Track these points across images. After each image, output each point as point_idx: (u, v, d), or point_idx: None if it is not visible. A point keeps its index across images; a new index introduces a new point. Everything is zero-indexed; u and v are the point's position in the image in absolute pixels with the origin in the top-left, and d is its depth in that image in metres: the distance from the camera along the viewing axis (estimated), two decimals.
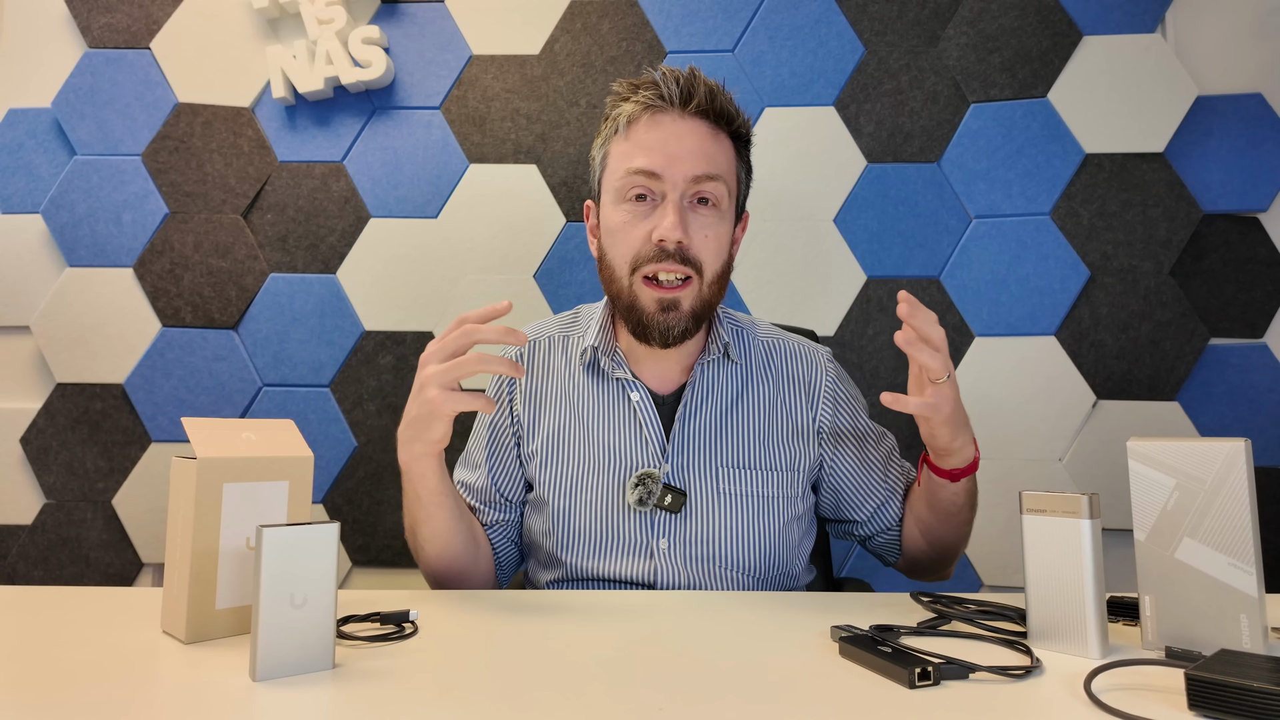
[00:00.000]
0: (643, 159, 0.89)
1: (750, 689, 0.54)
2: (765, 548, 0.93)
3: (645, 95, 0.90)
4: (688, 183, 0.89)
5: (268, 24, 1.61)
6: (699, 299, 0.91)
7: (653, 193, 0.90)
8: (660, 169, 0.88)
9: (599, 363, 0.97)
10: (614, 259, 0.92)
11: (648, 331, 0.91)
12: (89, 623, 0.69)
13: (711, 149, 0.91)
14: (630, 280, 0.90)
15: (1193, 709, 0.49)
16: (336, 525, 0.58)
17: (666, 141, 0.89)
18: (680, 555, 0.91)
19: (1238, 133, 1.46)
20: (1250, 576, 0.58)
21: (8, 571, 1.51)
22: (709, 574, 0.91)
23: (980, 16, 1.53)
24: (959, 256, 1.50)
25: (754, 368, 1.00)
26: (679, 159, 0.88)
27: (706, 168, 0.89)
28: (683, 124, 0.90)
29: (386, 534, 1.51)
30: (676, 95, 0.90)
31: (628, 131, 0.91)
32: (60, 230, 1.56)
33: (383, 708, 0.51)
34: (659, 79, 0.90)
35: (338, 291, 1.55)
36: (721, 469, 0.93)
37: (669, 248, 0.88)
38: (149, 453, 1.52)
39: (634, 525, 0.91)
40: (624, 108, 0.92)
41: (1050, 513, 0.63)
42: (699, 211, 0.90)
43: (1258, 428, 1.41)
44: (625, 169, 0.90)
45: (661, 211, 0.88)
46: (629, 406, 0.95)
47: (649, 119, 0.90)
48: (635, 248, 0.90)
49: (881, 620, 0.69)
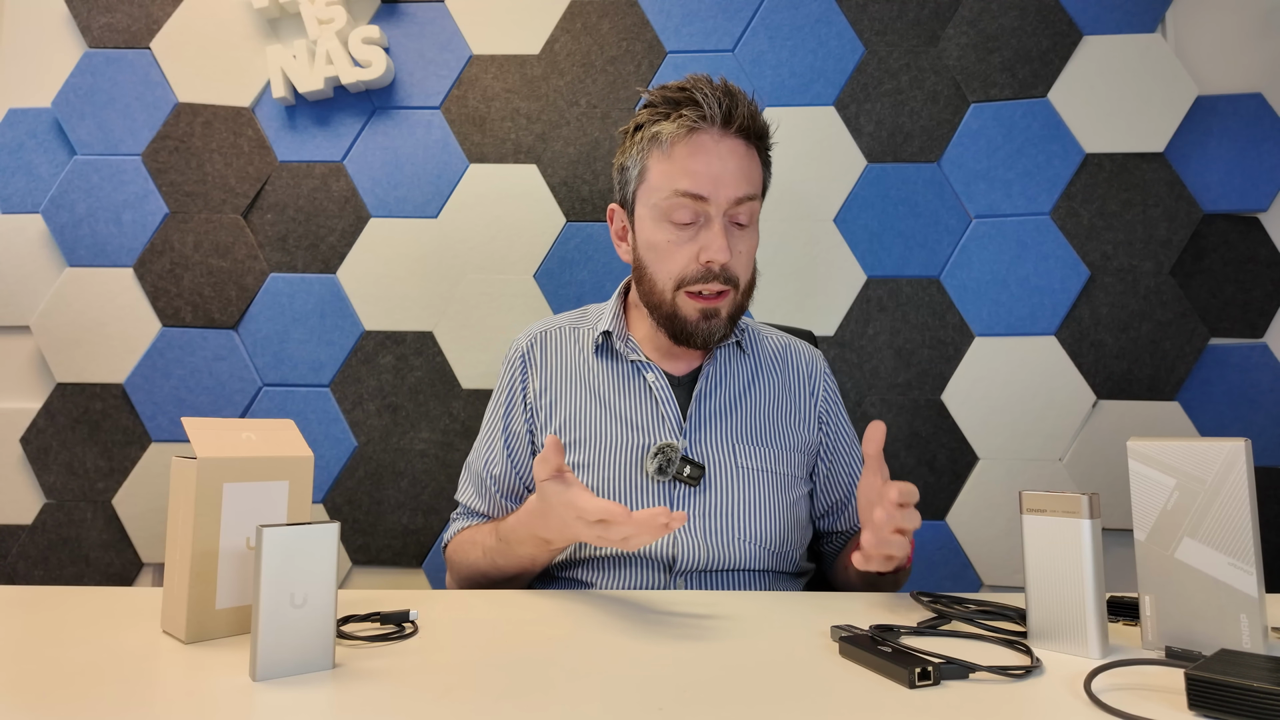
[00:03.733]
0: (688, 182, 0.92)
1: (750, 689, 0.54)
2: (781, 522, 0.97)
3: (689, 114, 0.92)
4: (730, 204, 0.93)
5: (268, 24, 1.61)
6: (735, 306, 0.97)
7: (696, 214, 0.93)
8: (707, 192, 0.91)
9: (613, 346, 1.02)
10: (656, 274, 0.96)
11: (690, 338, 0.96)
12: (89, 623, 0.69)
13: (749, 168, 0.95)
14: (673, 295, 0.95)
15: (1193, 709, 0.49)
16: (336, 525, 0.58)
17: (710, 164, 0.92)
18: (700, 529, 0.94)
19: (1238, 133, 1.46)
20: (1250, 576, 0.58)
21: (8, 571, 1.51)
22: (728, 547, 0.94)
23: (980, 16, 1.53)
24: (959, 256, 1.50)
25: (762, 359, 1.06)
26: (723, 182, 0.92)
27: (747, 189, 0.94)
28: (724, 144, 0.93)
29: (386, 534, 1.51)
30: (719, 116, 0.92)
31: (670, 150, 0.93)
32: (60, 230, 1.56)
33: (383, 708, 0.51)
34: (701, 99, 0.92)
35: (338, 291, 1.55)
36: (738, 445, 0.97)
37: (715, 269, 0.92)
38: (149, 453, 1.52)
39: (654, 498, 0.95)
40: (665, 126, 0.93)
41: (1050, 513, 0.63)
42: (736, 232, 0.95)
43: (1258, 428, 1.41)
44: (671, 189, 0.92)
45: (709, 234, 0.92)
46: (644, 386, 1.00)
47: (694, 139, 0.93)
48: (681, 267, 0.94)
49: (881, 620, 0.69)
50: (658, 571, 0.93)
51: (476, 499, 1.03)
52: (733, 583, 0.95)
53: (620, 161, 1.00)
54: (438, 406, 1.53)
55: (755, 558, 0.95)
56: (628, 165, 0.99)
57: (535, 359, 1.04)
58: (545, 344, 1.05)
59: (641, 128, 0.96)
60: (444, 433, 1.51)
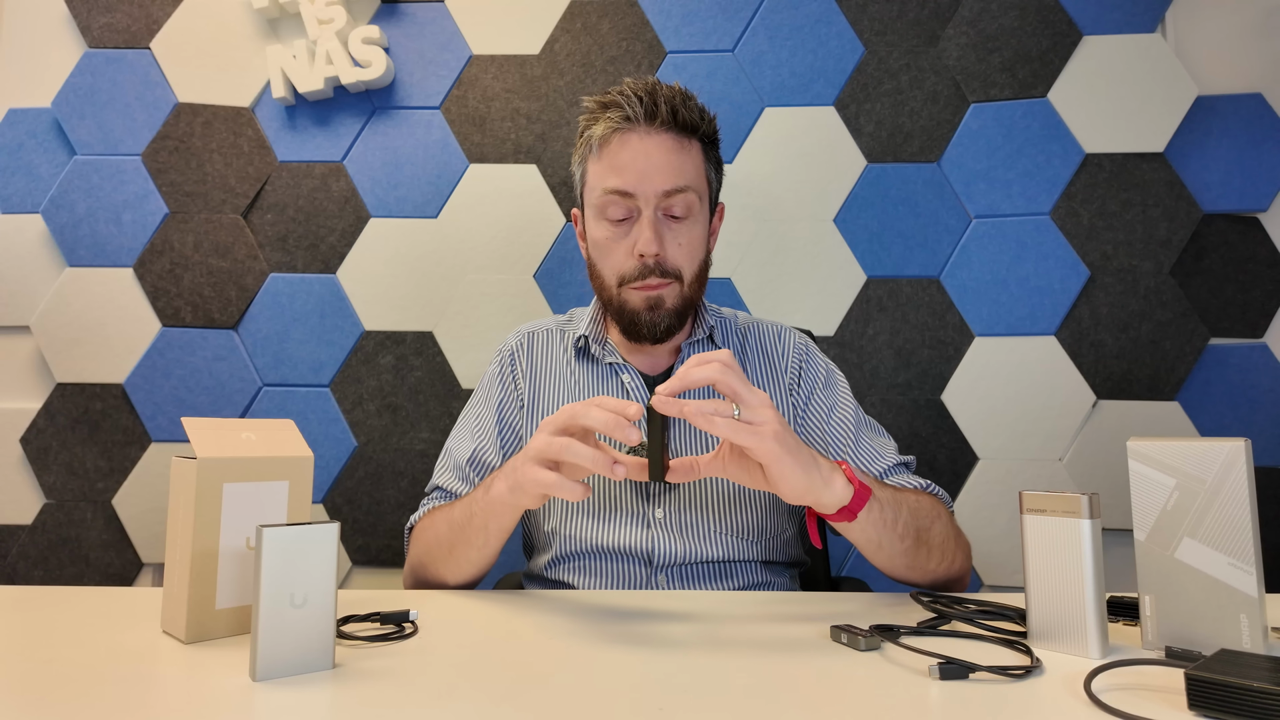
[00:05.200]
0: (615, 179, 0.95)
1: (750, 689, 0.54)
2: (759, 510, 0.97)
3: (613, 116, 0.95)
4: (659, 197, 0.95)
5: (268, 24, 1.61)
6: (681, 298, 0.97)
7: (628, 210, 0.96)
8: (632, 187, 0.94)
9: (590, 349, 1.04)
10: (602, 271, 0.99)
11: (638, 330, 0.97)
12: (89, 623, 0.69)
13: (678, 161, 0.96)
14: (618, 290, 0.98)
15: (1193, 709, 0.49)
16: (336, 525, 0.58)
17: (635, 159, 0.95)
18: (676, 523, 0.94)
19: (1238, 133, 1.46)
20: (1250, 576, 0.58)
21: (8, 571, 1.51)
22: (705, 539, 0.94)
23: (980, 16, 1.53)
24: (959, 256, 1.50)
25: (734, 348, 1.06)
26: (648, 175, 0.94)
27: (675, 181, 0.95)
28: (649, 140, 0.95)
29: (386, 534, 1.51)
30: (641, 113, 0.94)
31: (600, 151, 0.97)
32: (60, 230, 1.56)
33: (383, 708, 0.51)
34: (622, 99, 0.95)
35: (338, 291, 1.55)
36: (711, 438, 0.97)
37: (650, 263, 0.95)
38: (149, 453, 1.52)
39: (630, 496, 0.95)
40: (595, 129, 0.97)
41: (1050, 513, 0.63)
42: (672, 225, 0.97)
43: (1258, 428, 1.41)
44: (602, 188, 0.96)
45: (639, 227, 0.95)
46: (621, 388, 1.01)
47: (619, 138, 0.96)
48: (620, 264, 0.97)
49: (881, 620, 0.69)
50: (637, 566, 0.94)
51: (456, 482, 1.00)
52: (717, 575, 0.95)
53: (572, 167, 1.05)
54: (437, 406, 1.53)
55: (735, 548, 0.95)
56: (574, 170, 1.04)
57: (521, 361, 1.06)
58: (532, 346, 1.07)
59: (582, 133, 1.00)
60: (444, 433, 1.51)
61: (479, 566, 0.89)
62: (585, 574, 0.95)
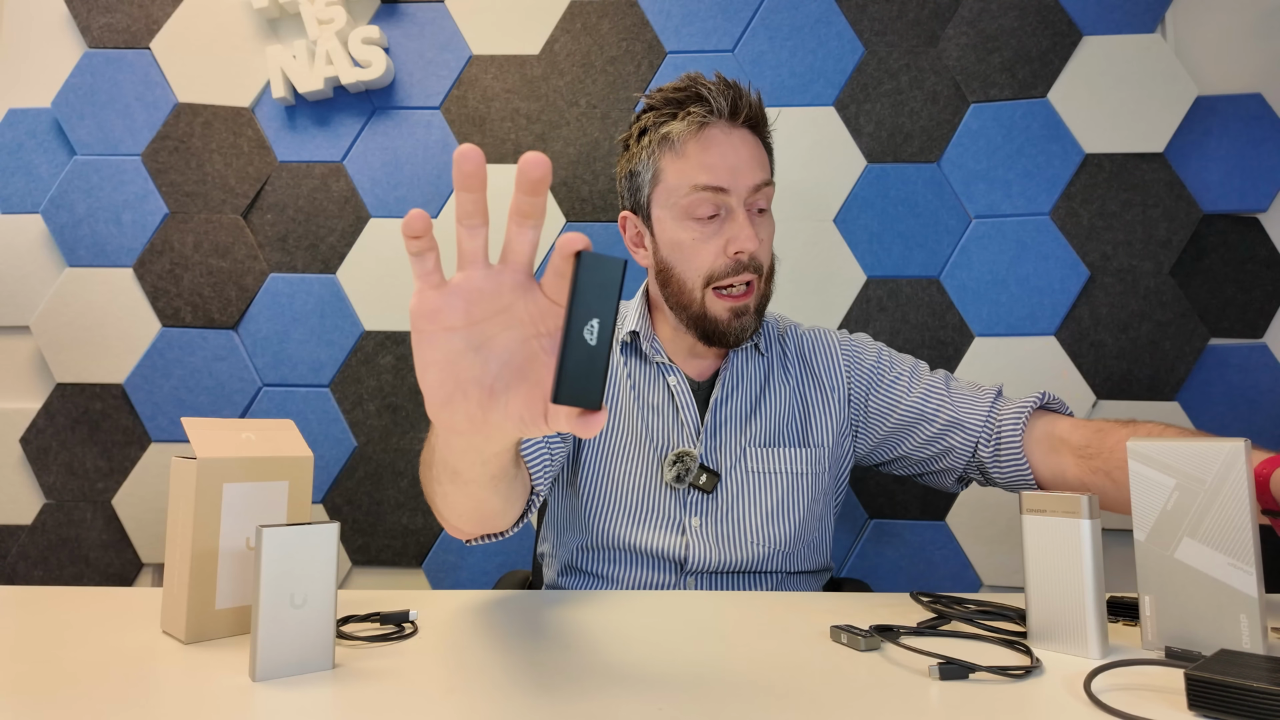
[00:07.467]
0: (707, 176, 0.92)
1: (750, 689, 0.54)
2: (793, 523, 0.97)
3: (697, 111, 0.93)
4: (749, 192, 0.94)
5: (268, 24, 1.61)
6: (760, 297, 0.98)
7: (717, 206, 0.93)
8: (726, 184, 0.93)
9: (639, 346, 1.03)
10: (684, 274, 0.96)
11: (723, 337, 0.96)
12: (89, 623, 0.69)
13: (760, 155, 0.97)
14: (703, 294, 0.95)
15: (1193, 709, 0.49)
16: (336, 525, 0.58)
17: (725, 156, 0.93)
18: (712, 533, 0.95)
19: (1237, 133, 1.46)
20: (1250, 576, 0.58)
21: (8, 571, 1.51)
22: (739, 549, 0.95)
23: (980, 16, 1.53)
24: (959, 256, 1.50)
25: (776, 356, 1.06)
26: (740, 171, 0.93)
27: (762, 175, 0.95)
28: (734, 135, 0.94)
29: (386, 534, 1.51)
30: (725, 108, 0.93)
31: (683, 149, 0.94)
32: (60, 230, 1.56)
33: (383, 708, 0.51)
34: (706, 94, 0.93)
35: (338, 291, 1.55)
36: (752, 449, 0.98)
37: (745, 259, 0.93)
38: (149, 453, 1.52)
39: (669, 501, 0.96)
40: (674, 126, 0.94)
41: (1050, 513, 0.63)
42: (758, 219, 0.96)
43: (1258, 428, 1.40)
44: (690, 185, 0.93)
45: (734, 225, 0.93)
46: (666, 389, 1.01)
47: (702, 134, 0.94)
48: (709, 263, 0.94)
49: (881, 620, 0.69)
50: (669, 572, 0.95)
51: None
52: (745, 583, 0.96)
53: (628, 168, 1.00)
54: None
55: (767, 559, 0.96)
56: (638, 170, 0.98)
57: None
58: None
59: (647, 131, 0.96)
60: None
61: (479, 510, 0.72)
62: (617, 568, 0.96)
